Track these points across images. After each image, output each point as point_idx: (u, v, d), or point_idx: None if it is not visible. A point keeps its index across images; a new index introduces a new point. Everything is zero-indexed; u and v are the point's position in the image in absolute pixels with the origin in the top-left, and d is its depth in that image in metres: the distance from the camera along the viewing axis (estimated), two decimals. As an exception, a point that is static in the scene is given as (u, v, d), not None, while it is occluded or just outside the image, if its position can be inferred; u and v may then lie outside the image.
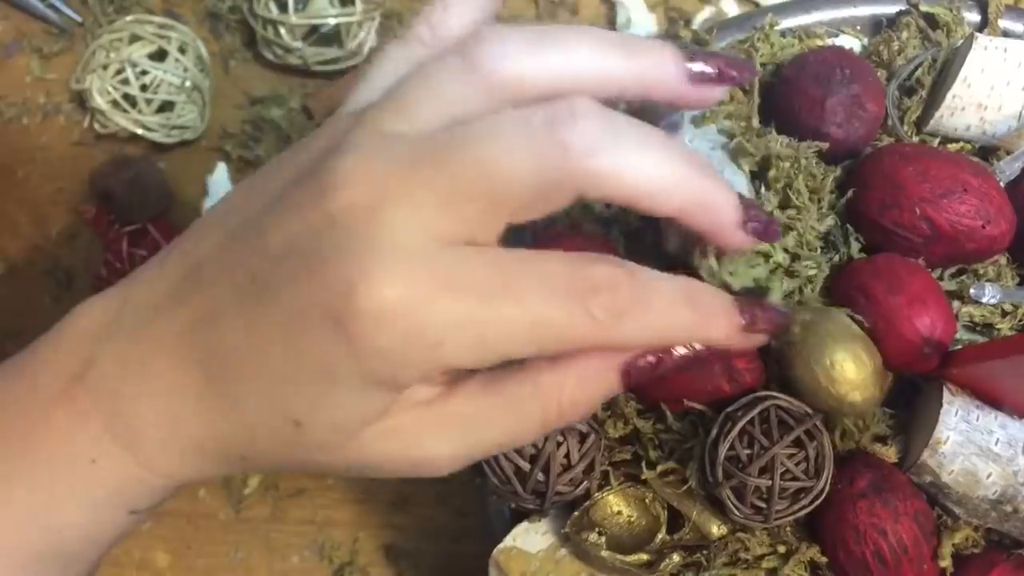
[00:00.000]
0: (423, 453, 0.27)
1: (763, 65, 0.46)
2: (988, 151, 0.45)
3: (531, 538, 0.40)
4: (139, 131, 0.57)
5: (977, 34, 0.44)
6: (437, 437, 0.27)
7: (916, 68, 0.46)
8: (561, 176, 0.24)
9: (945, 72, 0.45)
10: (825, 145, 0.39)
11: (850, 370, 0.36)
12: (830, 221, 0.40)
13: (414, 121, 0.26)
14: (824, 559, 0.38)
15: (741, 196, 0.28)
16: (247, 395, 0.26)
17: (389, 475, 0.28)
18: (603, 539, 0.39)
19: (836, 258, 0.41)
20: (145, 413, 0.28)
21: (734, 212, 0.27)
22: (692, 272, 0.38)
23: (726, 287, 0.34)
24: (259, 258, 0.26)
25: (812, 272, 0.39)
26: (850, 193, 0.40)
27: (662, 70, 0.27)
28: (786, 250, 0.39)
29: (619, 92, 0.27)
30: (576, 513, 0.39)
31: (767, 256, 0.38)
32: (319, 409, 0.26)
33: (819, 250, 0.40)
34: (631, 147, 0.25)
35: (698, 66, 0.27)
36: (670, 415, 0.39)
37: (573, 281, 0.24)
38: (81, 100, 0.59)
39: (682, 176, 0.26)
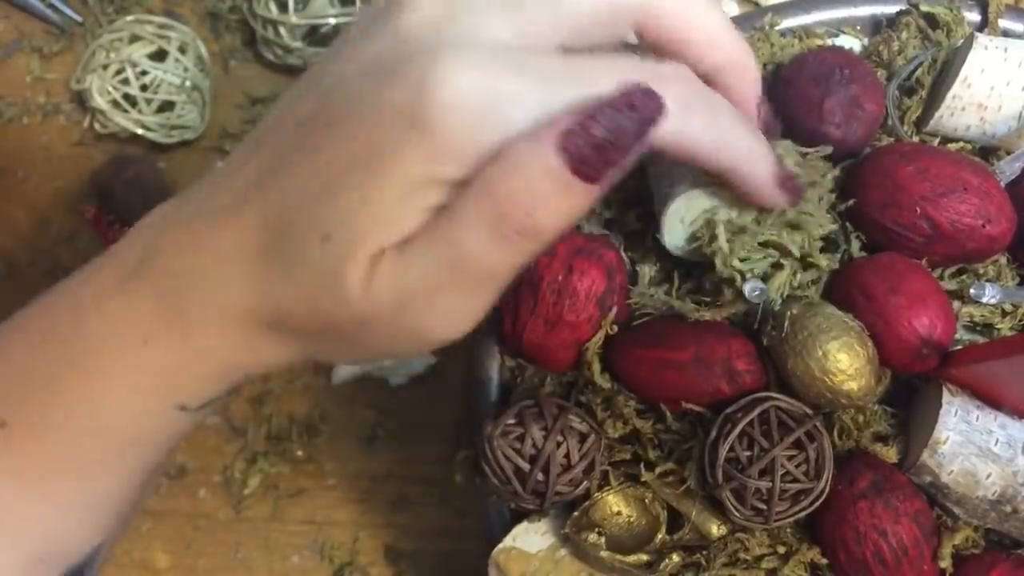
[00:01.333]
0: (409, 287, 0.26)
1: (764, 65, 0.46)
2: (988, 151, 0.45)
3: (531, 538, 0.40)
4: (139, 131, 0.57)
5: (977, 34, 0.44)
6: (418, 272, 0.26)
7: (916, 68, 0.46)
8: (625, 3, 0.27)
9: (945, 72, 0.45)
10: (829, 149, 0.39)
11: (843, 360, 0.36)
12: (832, 225, 0.40)
13: None
14: (824, 560, 0.38)
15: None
16: (292, 226, 0.26)
17: (388, 341, 0.28)
18: (603, 539, 0.39)
19: (837, 256, 0.41)
20: (196, 286, 0.27)
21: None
22: (699, 266, 0.39)
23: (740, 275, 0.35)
24: (327, 90, 0.26)
25: (826, 263, 0.39)
26: (851, 202, 0.40)
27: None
28: (801, 247, 0.39)
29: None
30: (576, 513, 0.39)
31: (780, 248, 0.38)
32: (356, 215, 0.25)
33: (819, 250, 0.40)
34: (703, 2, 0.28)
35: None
36: (669, 415, 0.39)
37: (643, 69, 0.26)
38: (81, 100, 0.59)
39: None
